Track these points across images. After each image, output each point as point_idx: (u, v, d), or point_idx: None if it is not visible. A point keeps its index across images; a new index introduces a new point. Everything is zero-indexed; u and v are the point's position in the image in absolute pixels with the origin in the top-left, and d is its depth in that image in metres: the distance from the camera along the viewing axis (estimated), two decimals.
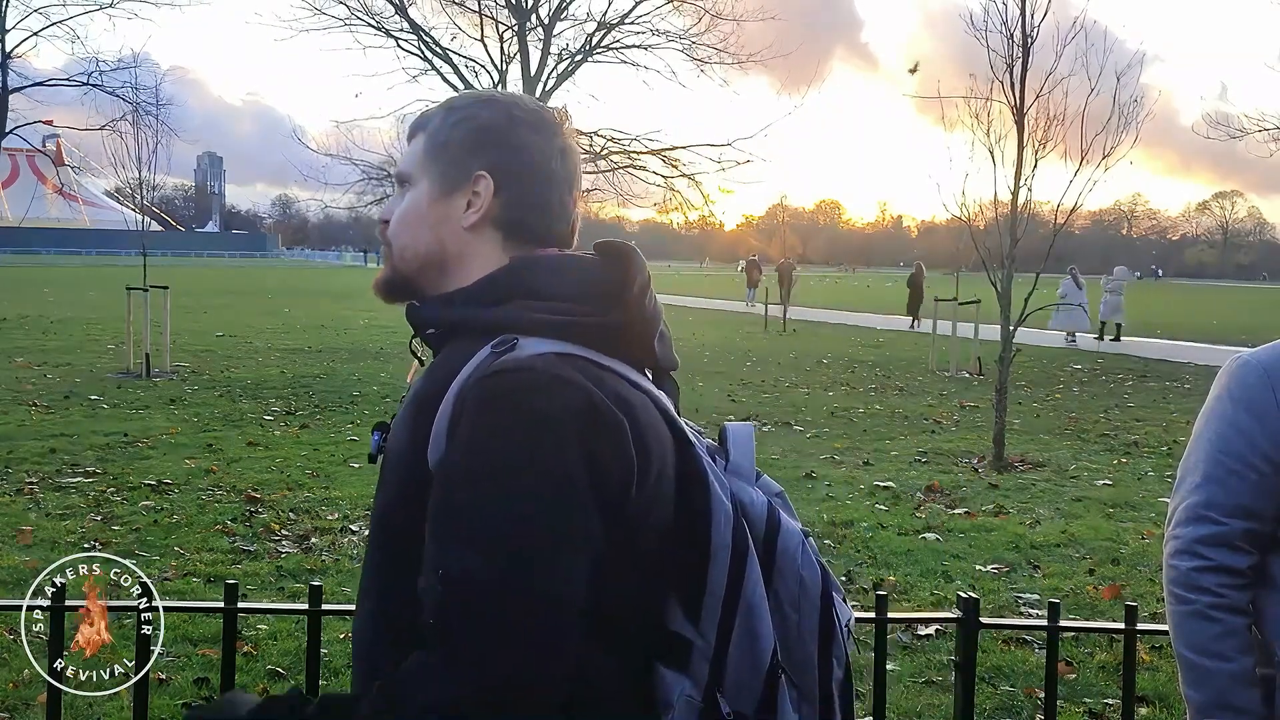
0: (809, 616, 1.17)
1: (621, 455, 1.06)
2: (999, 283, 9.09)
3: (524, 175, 1.20)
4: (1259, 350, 1.63)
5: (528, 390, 1.04)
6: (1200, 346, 21.50)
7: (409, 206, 1.22)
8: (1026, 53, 8.83)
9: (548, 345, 1.09)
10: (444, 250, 1.20)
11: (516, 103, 1.24)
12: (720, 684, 1.10)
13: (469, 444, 1.03)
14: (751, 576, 1.12)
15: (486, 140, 1.20)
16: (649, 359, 1.20)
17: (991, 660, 4.23)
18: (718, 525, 1.12)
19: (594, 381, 1.07)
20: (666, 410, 1.16)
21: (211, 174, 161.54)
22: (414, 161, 1.23)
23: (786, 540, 1.18)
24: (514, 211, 1.20)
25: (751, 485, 1.22)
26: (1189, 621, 1.57)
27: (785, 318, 24.96)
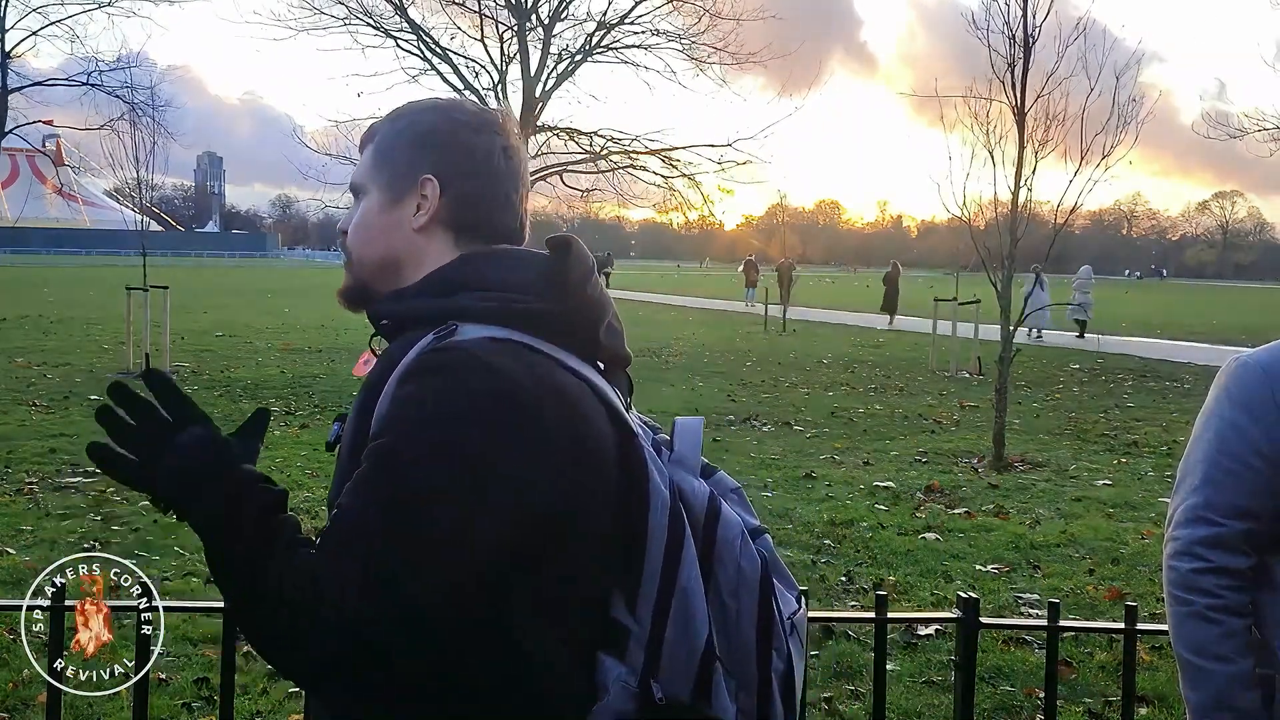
0: (747, 605, 1.18)
1: (535, 440, 1.09)
2: (999, 283, 9.10)
3: (468, 175, 1.25)
4: (1258, 351, 1.63)
5: (451, 368, 1.09)
6: (1200, 346, 21.50)
7: (362, 216, 1.27)
8: (1028, 53, 8.83)
9: (485, 330, 1.14)
10: (398, 253, 1.25)
11: (457, 106, 1.29)
12: (655, 669, 1.12)
13: (392, 407, 1.10)
14: (687, 562, 1.14)
15: (429, 144, 1.25)
16: (595, 350, 1.23)
17: (991, 660, 4.23)
18: (654, 512, 1.14)
19: (526, 365, 1.12)
20: (608, 400, 1.18)
21: (211, 174, 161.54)
22: (364, 172, 1.28)
23: (726, 529, 1.19)
24: (461, 210, 1.24)
25: (695, 476, 1.22)
26: (1188, 623, 1.57)
27: (785, 318, 24.95)
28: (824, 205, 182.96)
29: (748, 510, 1.30)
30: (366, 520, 1.06)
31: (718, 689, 1.14)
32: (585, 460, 1.13)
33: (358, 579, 1.03)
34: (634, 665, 1.12)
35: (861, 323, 27.22)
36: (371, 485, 1.08)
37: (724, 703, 1.15)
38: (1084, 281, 23.30)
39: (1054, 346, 20.17)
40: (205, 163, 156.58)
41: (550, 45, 17.57)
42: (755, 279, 35.53)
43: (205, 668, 3.95)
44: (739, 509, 1.27)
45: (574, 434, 1.12)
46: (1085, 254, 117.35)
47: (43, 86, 18.08)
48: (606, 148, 17.93)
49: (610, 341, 1.24)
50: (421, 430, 1.08)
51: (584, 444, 1.13)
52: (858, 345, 20.70)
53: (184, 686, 3.85)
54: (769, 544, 1.28)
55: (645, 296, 40.25)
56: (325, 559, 1.06)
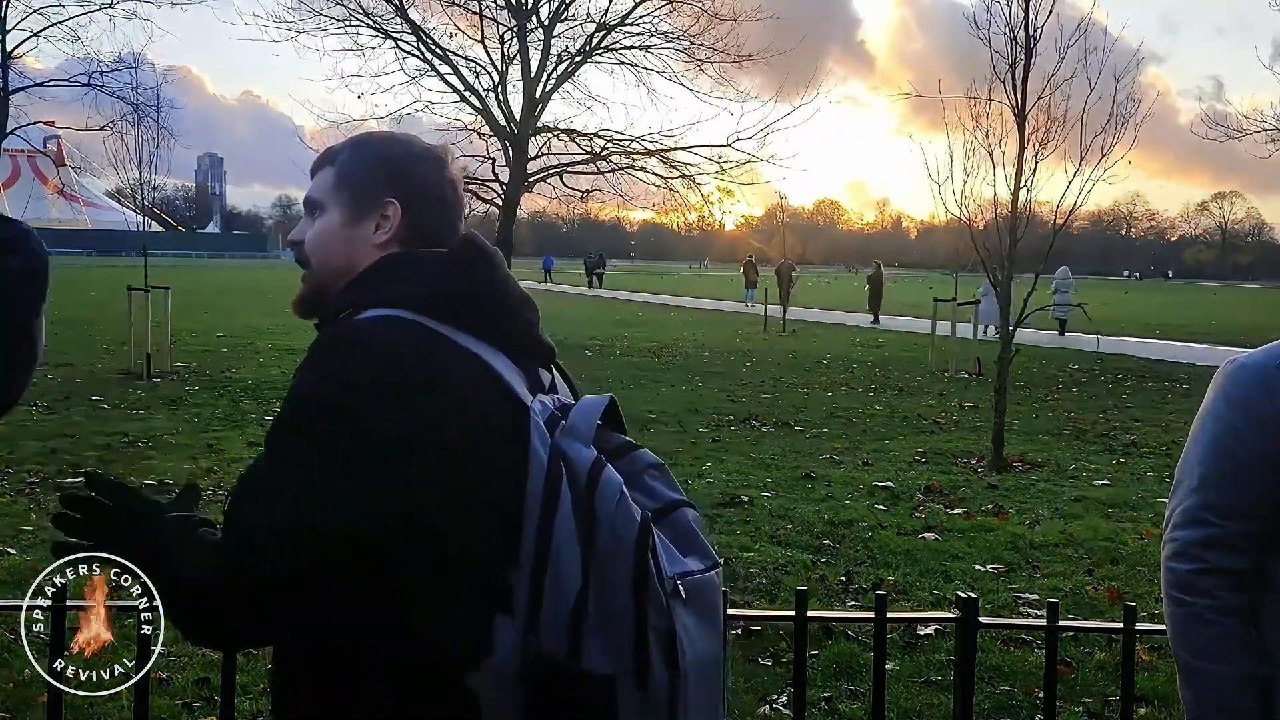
0: (621, 563, 1.21)
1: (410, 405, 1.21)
2: (998, 283, 9.10)
3: (424, 202, 1.41)
4: (1255, 352, 1.63)
5: (338, 341, 1.28)
6: (1199, 347, 21.50)
7: (324, 229, 1.41)
8: (1029, 54, 8.83)
9: (381, 311, 1.29)
10: (353, 265, 1.38)
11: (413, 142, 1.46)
12: (535, 627, 1.18)
13: (293, 387, 1.27)
14: (561, 524, 1.21)
15: (393, 173, 1.41)
16: (501, 338, 1.34)
17: (991, 660, 4.23)
18: (532, 476, 1.23)
19: (409, 338, 1.26)
20: (498, 376, 1.30)
21: (212, 175, 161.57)
22: (324, 190, 1.42)
23: (604, 490, 1.23)
24: (415, 231, 1.39)
25: (584, 445, 1.27)
26: (1186, 624, 1.57)
27: (785, 318, 24.95)
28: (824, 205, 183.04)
29: (670, 486, 1.35)
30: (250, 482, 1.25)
31: (587, 645, 1.19)
32: (464, 427, 1.23)
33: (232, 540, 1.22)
34: (519, 623, 1.19)
35: (861, 323, 27.23)
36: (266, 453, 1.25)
37: (594, 658, 1.19)
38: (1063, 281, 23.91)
39: (1053, 347, 20.17)
40: (206, 163, 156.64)
41: (550, 46, 17.60)
42: (755, 279, 35.67)
43: (206, 667, 3.95)
44: (658, 484, 1.33)
45: (452, 403, 1.23)
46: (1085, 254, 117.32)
47: (43, 87, 18.11)
48: (606, 148, 17.96)
49: (517, 330, 1.37)
50: (307, 398, 1.24)
51: (463, 412, 1.24)
52: (857, 345, 20.70)
53: (184, 686, 3.85)
54: (688, 517, 1.33)
55: (645, 297, 40.25)
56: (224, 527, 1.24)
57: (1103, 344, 17.78)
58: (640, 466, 1.34)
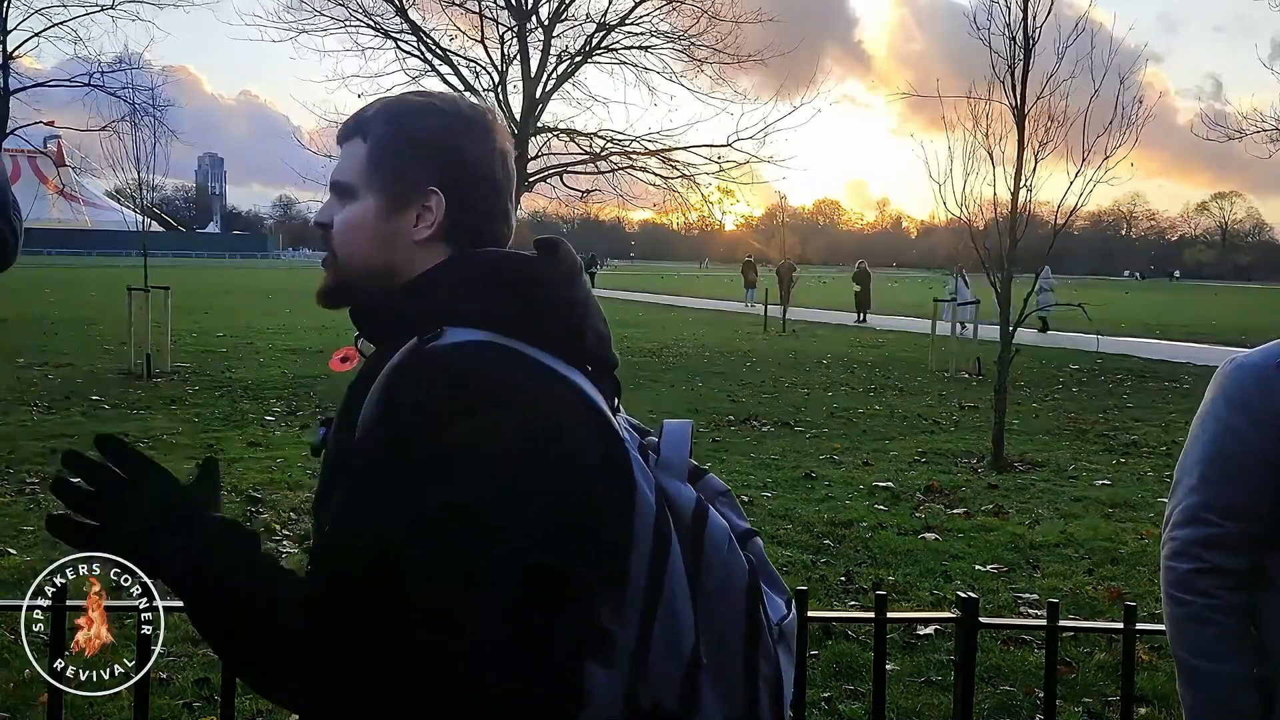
0: (733, 612, 1.16)
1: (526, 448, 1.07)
2: (998, 283, 9.10)
3: (472, 188, 1.22)
4: (1254, 352, 1.63)
5: (439, 374, 1.08)
6: (1200, 347, 21.50)
7: (355, 220, 1.22)
8: (1028, 54, 8.83)
9: (471, 334, 1.12)
10: (393, 263, 1.22)
11: (456, 110, 1.24)
12: (642, 678, 1.10)
13: (380, 412, 1.09)
14: (672, 570, 1.12)
15: (433, 155, 1.21)
16: (581, 354, 1.19)
17: (991, 660, 4.23)
18: (640, 519, 1.12)
19: (514, 371, 1.11)
20: (595, 405, 1.16)
21: (212, 175, 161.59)
22: (355, 172, 1.23)
23: (713, 535, 1.17)
24: (463, 223, 1.22)
25: (681, 481, 1.19)
26: (1186, 624, 1.57)
27: (785, 318, 24.95)
28: (824, 205, 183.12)
29: (737, 513, 1.28)
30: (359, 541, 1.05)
31: (704, 697, 1.13)
32: (572, 467, 1.10)
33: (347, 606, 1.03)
34: (621, 673, 1.10)
35: (862, 323, 27.22)
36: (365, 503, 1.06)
37: (709, 710, 1.13)
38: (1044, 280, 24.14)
39: (1054, 347, 20.17)
40: (206, 163, 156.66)
41: (550, 46, 17.59)
42: (755, 279, 35.74)
43: (206, 667, 3.95)
44: (727, 512, 1.25)
45: (562, 440, 1.10)
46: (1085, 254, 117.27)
47: (44, 87, 18.12)
48: (606, 148, 17.95)
49: (596, 346, 1.21)
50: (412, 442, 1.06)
51: (571, 450, 1.11)
52: (857, 345, 20.70)
53: (185, 686, 3.85)
54: (759, 547, 1.26)
55: (645, 297, 40.25)
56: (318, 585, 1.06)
57: (1103, 344, 17.77)
58: (710, 494, 1.26)
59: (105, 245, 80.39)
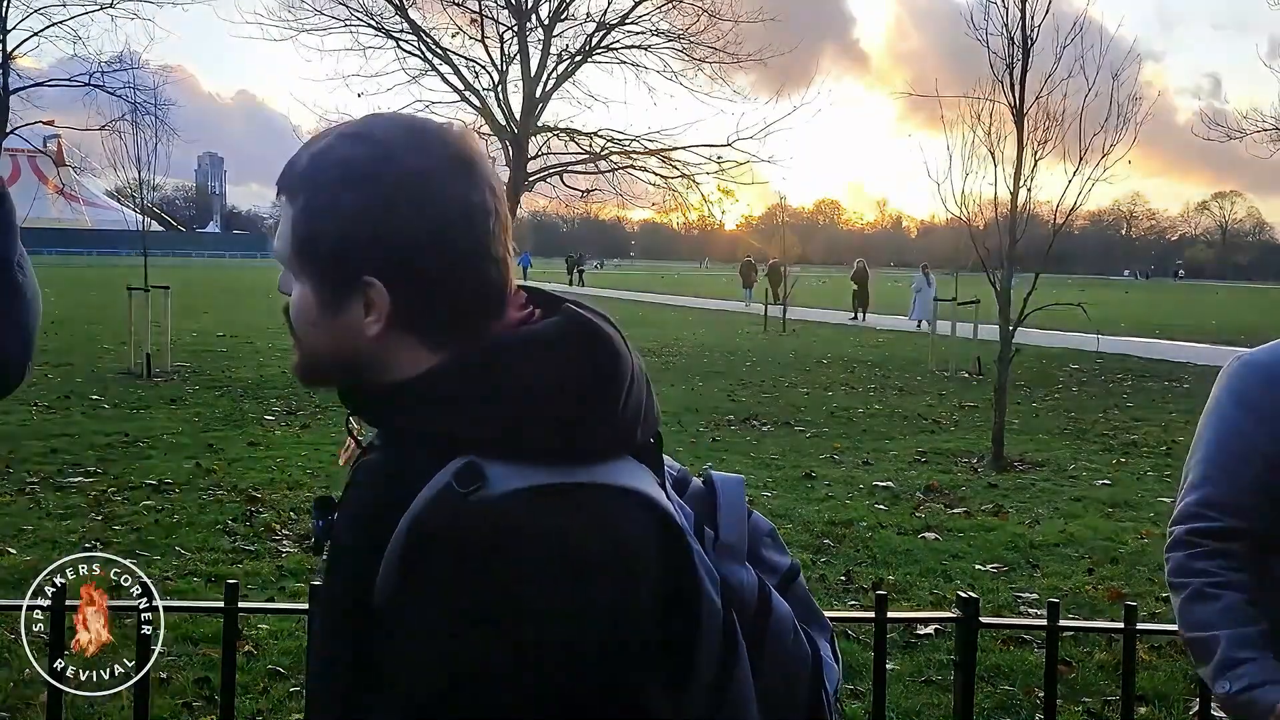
0: (794, 704, 1.09)
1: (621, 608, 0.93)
2: (998, 283, 9.10)
3: (421, 269, 0.96)
4: (1259, 350, 1.64)
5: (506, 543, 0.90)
6: (1200, 346, 21.50)
7: (301, 308, 1.01)
8: (1026, 54, 8.83)
9: (519, 477, 0.92)
10: (356, 358, 1.00)
11: (391, 165, 0.96)
12: None
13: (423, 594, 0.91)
14: (740, 668, 1.02)
15: (360, 238, 0.95)
16: (634, 444, 1.01)
17: (991, 660, 4.23)
18: (707, 625, 0.99)
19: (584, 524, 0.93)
20: (658, 506, 0.99)
21: (212, 174, 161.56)
22: (286, 253, 1.01)
23: (777, 624, 1.07)
24: (421, 310, 0.97)
25: (743, 566, 1.07)
26: (1189, 604, 1.56)
27: (785, 318, 24.96)
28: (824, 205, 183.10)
29: (781, 551, 1.18)
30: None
31: None
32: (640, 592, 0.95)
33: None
34: None
35: (860, 322, 27.22)
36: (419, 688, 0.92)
37: None
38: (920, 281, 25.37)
39: (1054, 347, 20.17)
40: (206, 163, 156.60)
41: (550, 46, 17.59)
42: (753, 279, 35.92)
43: (206, 667, 3.96)
44: (774, 553, 1.16)
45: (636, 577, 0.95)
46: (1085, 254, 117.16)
47: (43, 87, 18.11)
48: (606, 148, 17.95)
49: (645, 425, 1.02)
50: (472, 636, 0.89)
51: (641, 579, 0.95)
52: (857, 345, 20.70)
53: (184, 686, 3.86)
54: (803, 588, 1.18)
55: (645, 297, 40.24)
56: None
57: (1103, 344, 17.76)
58: (758, 535, 1.15)
59: (105, 245, 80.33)
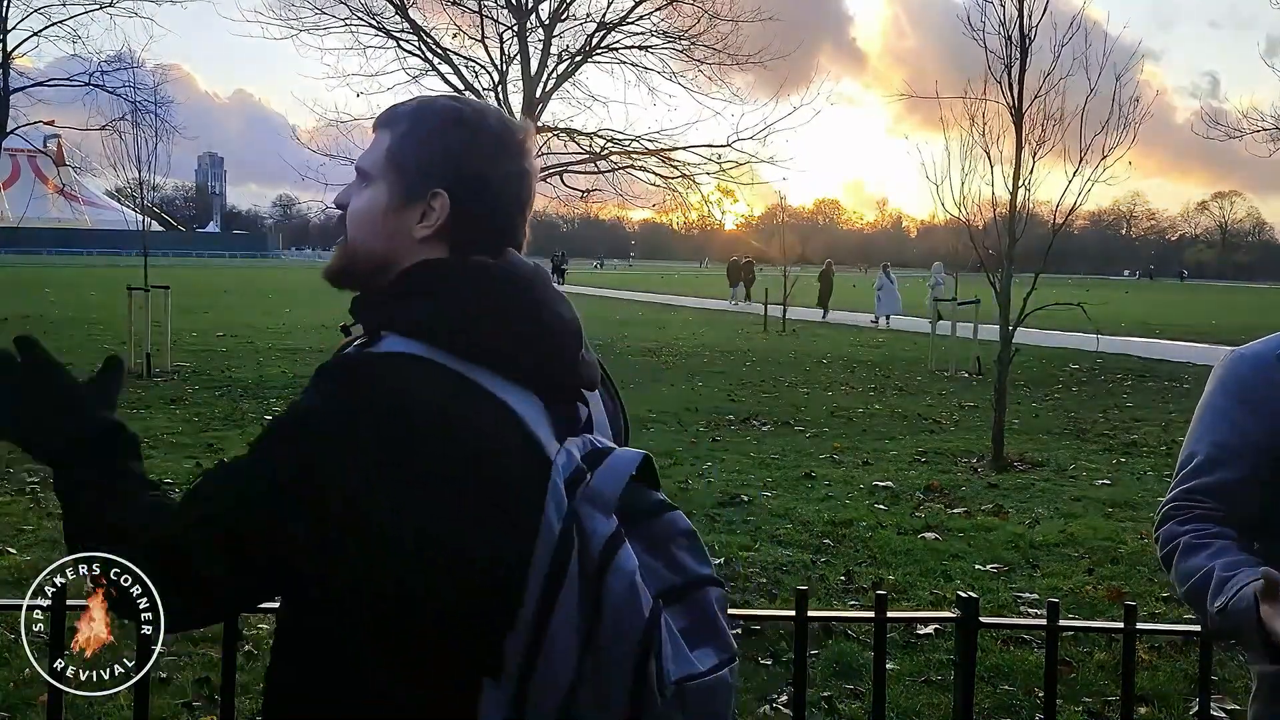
0: (620, 662, 1.08)
1: (409, 459, 1.11)
2: (998, 283, 9.10)
3: (478, 197, 1.25)
4: (1251, 344, 1.67)
5: (342, 374, 1.16)
6: (1200, 346, 21.49)
7: (367, 205, 1.27)
8: (1025, 53, 8.82)
9: (404, 345, 1.17)
10: (393, 255, 1.25)
11: (483, 123, 1.27)
12: (523, 704, 1.09)
13: (286, 413, 1.18)
14: (562, 606, 1.08)
15: (448, 160, 1.24)
16: (534, 379, 1.21)
17: (991, 660, 4.23)
18: (541, 547, 1.10)
19: (427, 386, 1.14)
20: (525, 429, 1.18)
21: (212, 174, 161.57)
22: (376, 162, 1.27)
23: (616, 577, 1.09)
24: (465, 230, 1.25)
25: (604, 514, 1.12)
26: (1181, 559, 1.55)
27: (785, 317, 24.95)
28: (824, 205, 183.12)
29: (699, 559, 1.20)
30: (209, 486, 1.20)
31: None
32: (472, 482, 1.13)
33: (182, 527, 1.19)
34: (506, 694, 1.10)
35: (860, 322, 27.24)
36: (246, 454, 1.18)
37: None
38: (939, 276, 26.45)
39: (1054, 347, 20.17)
40: (206, 163, 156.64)
41: (550, 46, 17.59)
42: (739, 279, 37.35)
43: (206, 667, 3.96)
44: (684, 555, 1.19)
45: (460, 455, 1.13)
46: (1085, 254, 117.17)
47: (43, 87, 18.11)
48: (606, 148, 17.94)
49: (548, 368, 1.22)
50: (283, 422, 1.17)
51: (474, 467, 1.13)
52: (857, 345, 20.70)
53: (185, 686, 3.86)
54: (712, 597, 1.18)
55: (645, 296, 40.24)
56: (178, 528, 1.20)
57: (1103, 344, 17.77)
58: (671, 533, 1.19)
59: (105, 245, 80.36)
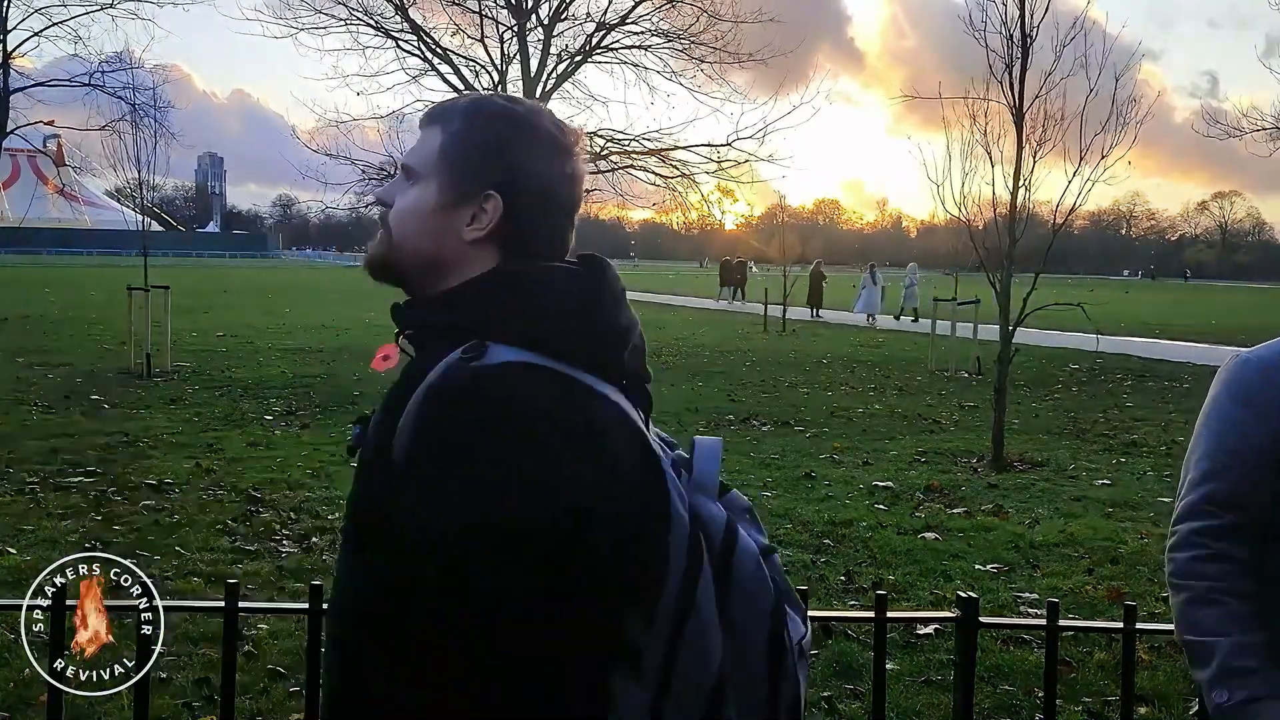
0: (758, 635, 1.18)
1: (570, 471, 1.09)
2: (998, 283, 9.10)
3: (532, 200, 1.23)
4: (1258, 348, 1.64)
5: (487, 397, 1.09)
6: (1200, 346, 21.49)
7: (414, 204, 1.24)
8: (1026, 53, 8.82)
9: (515, 354, 1.13)
10: (441, 257, 1.23)
11: (537, 123, 1.25)
12: (669, 695, 1.12)
13: (418, 426, 1.10)
14: (703, 591, 1.14)
15: (501, 160, 1.22)
16: (620, 373, 1.21)
17: (991, 660, 4.23)
18: (675, 540, 1.13)
19: (556, 394, 1.12)
20: (635, 426, 1.18)
21: (212, 174, 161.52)
22: (426, 160, 1.25)
23: (742, 557, 1.18)
24: (516, 232, 1.22)
25: (713, 500, 1.21)
26: (1190, 607, 1.55)
27: (785, 317, 24.95)
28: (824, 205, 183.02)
29: (758, 529, 1.29)
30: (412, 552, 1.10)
31: (725, 716, 1.15)
32: (612, 487, 1.12)
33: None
34: (649, 689, 1.12)
35: (860, 322, 27.23)
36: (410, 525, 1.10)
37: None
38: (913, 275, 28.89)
39: (1053, 347, 20.17)
40: (206, 163, 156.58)
41: (550, 46, 17.58)
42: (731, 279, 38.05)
43: (206, 667, 3.96)
44: (750, 529, 1.26)
45: (603, 460, 1.12)
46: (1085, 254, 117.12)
47: (43, 87, 18.11)
48: (606, 148, 17.93)
49: (633, 362, 1.22)
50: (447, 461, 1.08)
51: (612, 470, 1.12)
52: (857, 345, 20.70)
53: (184, 686, 3.86)
54: (778, 564, 1.27)
55: (645, 297, 40.26)
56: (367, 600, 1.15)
57: (1103, 344, 17.77)
58: (737, 509, 1.27)
59: (105, 245, 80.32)
